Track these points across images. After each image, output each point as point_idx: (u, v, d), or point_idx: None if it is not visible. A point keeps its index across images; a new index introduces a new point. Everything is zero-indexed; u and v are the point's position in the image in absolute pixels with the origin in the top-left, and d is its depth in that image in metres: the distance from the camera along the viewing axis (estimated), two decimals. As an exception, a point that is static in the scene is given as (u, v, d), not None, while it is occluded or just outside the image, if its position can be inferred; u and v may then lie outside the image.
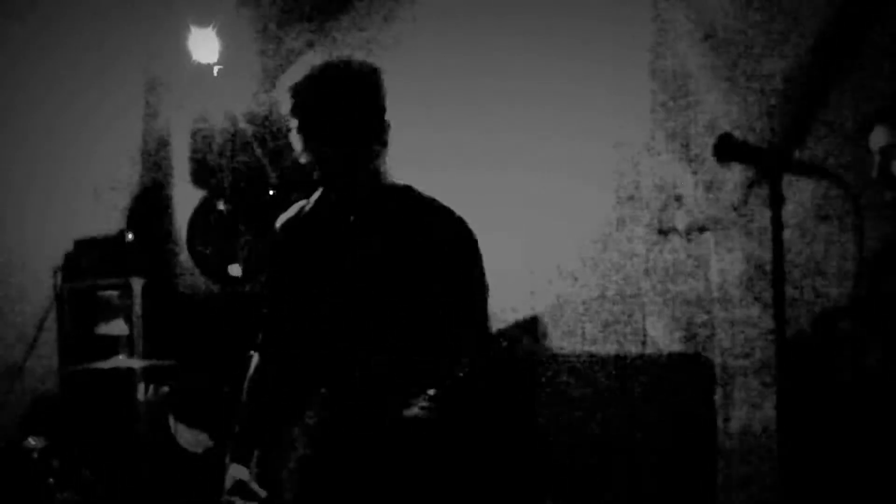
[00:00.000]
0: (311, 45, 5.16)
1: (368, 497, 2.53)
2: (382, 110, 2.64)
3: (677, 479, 4.03)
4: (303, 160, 2.66)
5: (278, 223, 2.83)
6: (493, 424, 3.74)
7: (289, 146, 2.72)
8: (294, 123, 2.63)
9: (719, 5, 4.04)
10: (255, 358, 2.84)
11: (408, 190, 2.72)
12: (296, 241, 2.76)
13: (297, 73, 2.66)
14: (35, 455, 4.28)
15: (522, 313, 4.49)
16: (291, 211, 2.83)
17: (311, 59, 2.69)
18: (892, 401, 3.19)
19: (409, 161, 2.84)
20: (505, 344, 4.19)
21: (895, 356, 3.16)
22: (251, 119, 5.16)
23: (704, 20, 4.08)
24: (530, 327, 4.44)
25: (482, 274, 2.69)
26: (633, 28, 4.26)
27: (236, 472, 2.67)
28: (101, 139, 5.22)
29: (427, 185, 2.80)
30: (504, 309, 4.43)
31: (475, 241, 2.69)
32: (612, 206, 4.31)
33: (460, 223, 2.69)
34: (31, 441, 4.33)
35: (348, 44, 5.04)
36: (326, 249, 2.69)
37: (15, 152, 4.97)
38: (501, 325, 4.37)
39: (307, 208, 2.78)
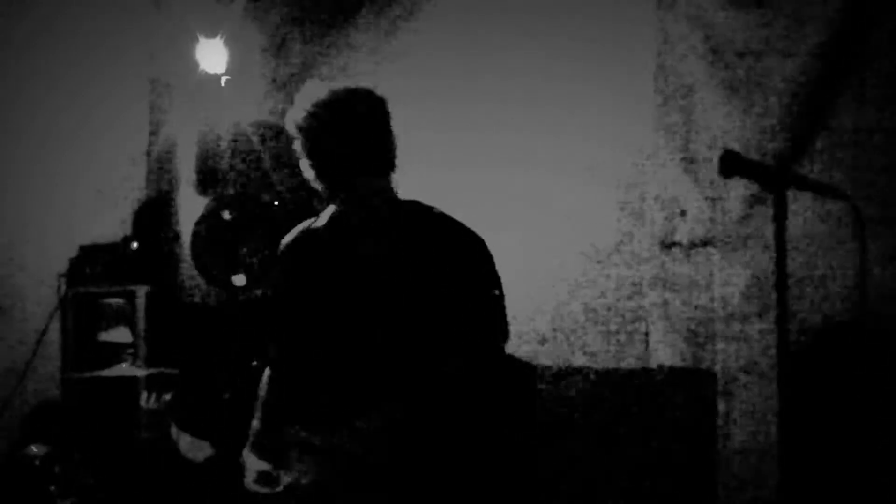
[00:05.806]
0: (316, 58, 5.18)
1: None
2: (392, 135, 2.85)
3: (678, 493, 4.03)
4: (315, 186, 2.83)
5: (288, 242, 2.82)
6: (491, 432, 3.75)
7: (289, 153, 2.81)
8: (303, 157, 2.79)
9: (724, 20, 4.05)
10: (268, 372, 2.90)
11: (418, 205, 2.86)
12: (315, 261, 2.78)
13: (300, 104, 2.78)
14: (37, 462, 4.28)
15: (523, 324, 4.49)
16: (300, 230, 2.83)
17: (314, 89, 2.80)
18: (893, 415, 3.19)
19: (412, 163, 2.89)
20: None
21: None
22: (257, 128, 5.18)
23: (709, 35, 4.09)
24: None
25: (499, 286, 2.91)
26: (637, 43, 4.28)
27: (257, 464, 2.81)
28: (106, 148, 5.23)
29: (430, 191, 2.88)
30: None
31: (490, 256, 2.91)
32: (616, 219, 4.32)
33: (475, 238, 2.89)
34: (33, 448, 4.33)
35: (354, 54, 5.06)
36: (352, 268, 2.75)
37: (20, 158, 4.98)
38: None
39: (321, 229, 2.80)
